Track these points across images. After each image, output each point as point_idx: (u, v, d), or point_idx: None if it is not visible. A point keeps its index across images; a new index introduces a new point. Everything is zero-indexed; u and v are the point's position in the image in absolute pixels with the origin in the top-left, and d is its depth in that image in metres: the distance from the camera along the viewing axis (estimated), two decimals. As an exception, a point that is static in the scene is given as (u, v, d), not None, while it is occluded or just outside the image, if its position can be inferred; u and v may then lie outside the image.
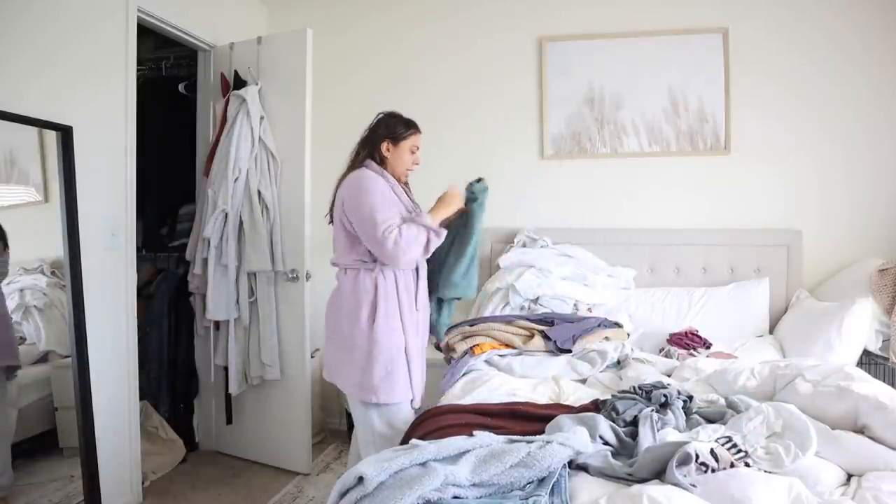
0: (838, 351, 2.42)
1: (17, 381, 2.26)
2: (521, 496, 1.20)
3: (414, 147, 2.20)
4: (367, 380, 2.07)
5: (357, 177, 2.10)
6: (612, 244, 3.20)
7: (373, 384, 2.06)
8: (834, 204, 3.11)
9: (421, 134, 2.23)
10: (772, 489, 1.16)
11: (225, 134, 2.96)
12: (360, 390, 2.09)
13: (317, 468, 3.05)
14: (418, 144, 2.22)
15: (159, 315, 3.18)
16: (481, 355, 2.36)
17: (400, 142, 2.17)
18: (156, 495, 2.76)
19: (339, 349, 2.16)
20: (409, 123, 2.21)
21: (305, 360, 2.98)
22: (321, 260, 3.31)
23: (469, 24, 3.46)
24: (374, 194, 2.04)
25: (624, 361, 2.31)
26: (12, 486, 2.17)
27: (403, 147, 2.18)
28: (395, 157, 2.18)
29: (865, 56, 3.06)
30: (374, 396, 2.06)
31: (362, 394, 2.08)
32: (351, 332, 2.10)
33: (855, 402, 1.48)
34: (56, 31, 2.28)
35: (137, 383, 2.70)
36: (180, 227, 3.38)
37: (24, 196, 2.34)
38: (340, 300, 2.16)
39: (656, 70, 3.24)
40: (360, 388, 2.09)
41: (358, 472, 1.18)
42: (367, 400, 2.08)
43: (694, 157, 3.24)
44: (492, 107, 3.44)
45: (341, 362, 2.15)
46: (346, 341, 2.12)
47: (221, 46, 3.19)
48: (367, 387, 2.07)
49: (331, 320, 2.21)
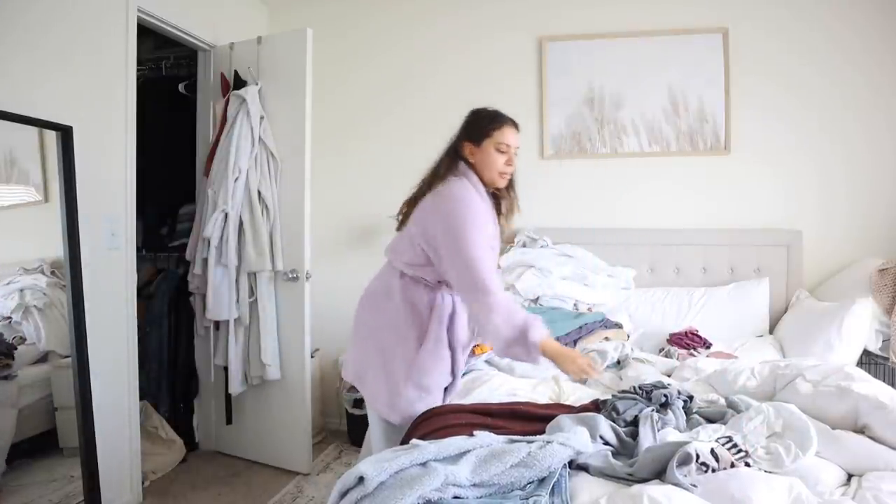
0: (838, 351, 2.42)
1: (17, 381, 2.25)
2: (522, 496, 1.20)
3: (503, 145, 1.80)
4: (395, 401, 1.83)
5: (446, 197, 1.75)
6: (612, 244, 3.21)
7: (399, 406, 1.83)
8: (834, 204, 3.11)
9: (512, 128, 1.84)
10: (772, 489, 1.16)
11: (225, 134, 2.96)
12: (384, 407, 1.87)
13: (317, 468, 3.05)
14: (508, 141, 1.81)
15: (159, 315, 3.18)
16: (481, 355, 2.36)
17: (483, 140, 1.81)
18: (156, 495, 2.76)
19: (371, 355, 1.92)
20: (494, 116, 1.85)
21: (305, 360, 2.98)
22: (321, 260, 3.33)
23: (469, 24, 3.46)
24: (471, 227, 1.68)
25: (624, 361, 2.32)
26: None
27: (488, 147, 1.81)
28: (481, 160, 1.82)
29: (866, 56, 3.06)
30: (398, 418, 1.83)
31: (386, 412, 1.86)
32: (392, 345, 1.85)
33: (855, 401, 1.48)
34: (56, 31, 2.28)
35: (137, 383, 2.70)
36: (180, 227, 3.38)
37: (24, 196, 2.34)
38: (387, 303, 1.89)
39: (656, 70, 3.24)
40: (385, 406, 1.86)
41: (358, 472, 1.18)
42: (389, 420, 1.87)
43: (694, 157, 3.24)
44: (492, 106, 3.42)
45: (370, 367, 1.91)
46: (382, 352, 1.88)
47: (221, 46, 3.19)
48: (394, 407, 1.84)
49: (368, 320, 1.95)
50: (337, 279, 3.40)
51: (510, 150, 1.83)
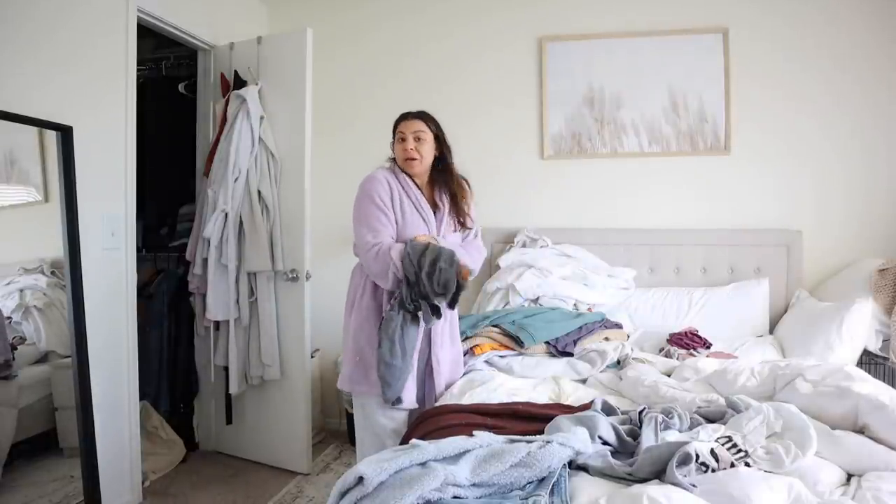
0: (838, 351, 2.42)
1: (17, 381, 2.26)
2: (521, 496, 1.20)
3: (400, 135, 2.17)
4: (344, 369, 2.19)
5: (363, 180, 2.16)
6: (612, 244, 3.21)
7: (345, 372, 2.16)
8: (834, 204, 3.11)
9: (410, 119, 2.18)
10: (772, 489, 1.16)
11: (225, 134, 2.96)
12: (341, 378, 2.20)
13: (317, 468, 3.05)
14: (403, 130, 2.17)
15: (159, 315, 3.18)
16: (481, 356, 2.36)
17: (394, 134, 2.20)
18: (156, 495, 2.76)
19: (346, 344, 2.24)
20: (400, 115, 2.21)
21: (305, 360, 2.98)
22: (321, 260, 3.33)
23: (469, 24, 3.46)
24: (360, 200, 2.12)
25: (624, 361, 2.31)
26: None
27: (395, 140, 2.20)
28: (395, 151, 2.21)
29: (866, 56, 3.05)
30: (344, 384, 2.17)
31: (340, 381, 2.21)
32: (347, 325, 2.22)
33: (855, 402, 1.48)
34: (56, 31, 2.28)
35: (137, 383, 2.70)
36: (180, 227, 3.38)
37: (24, 196, 2.34)
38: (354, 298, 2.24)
39: (656, 70, 3.24)
40: (341, 377, 2.21)
41: (357, 472, 1.18)
42: (341, 388, 2.21)
43: (694, 157, 3.24)
44: (491, 106, 3.44)
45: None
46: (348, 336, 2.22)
47: (221, 46, 3.19)
48: (342, 375, 2.18)
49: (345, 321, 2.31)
50: (337, 279, 3.38)
51: (407, 136, 2.15)
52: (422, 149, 2.15)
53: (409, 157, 2.15)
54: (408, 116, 2.20)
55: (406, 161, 2.16)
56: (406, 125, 2.17)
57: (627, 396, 2.00)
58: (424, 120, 2.18)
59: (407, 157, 2.15)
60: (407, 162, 2.16)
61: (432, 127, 2.19)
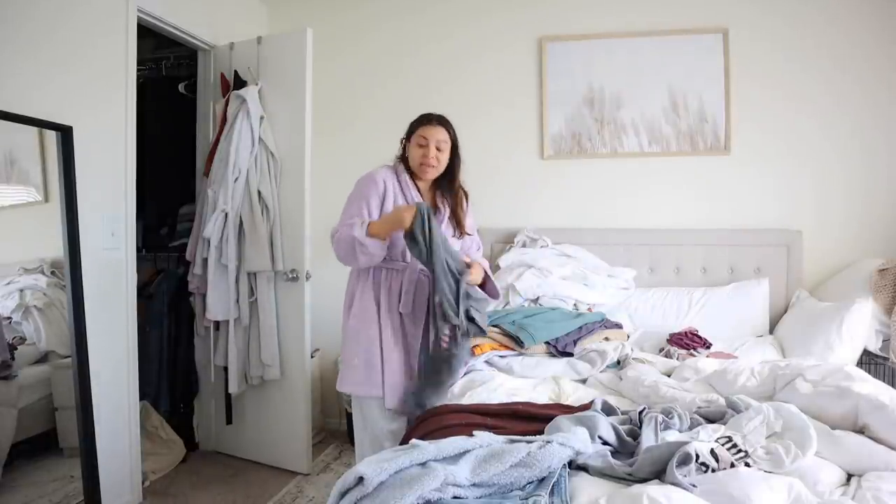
0: (838, 351, 2.42)
1: (18, 381, 2.26)
2: (521, 496, 1.20)
3: (420, 139, 2.11)
4: (341, 371, 2.18)
5: (359, 178, 2.17)
6: (612, 244, 3.21)
7: (344, 374, 2.16)
8: (834, 204, 3.11)
9: (434, 127, 2.11)
10: (772, 489, 1.16)
11: (225, 134, 2.96)
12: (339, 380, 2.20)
13: (317, 468, 3.05)
14: (426, 135, 2.10)
15: (159, 315, 3.18)
16: (481, 356, 2.36)
17: (410, 136, 2.16)
18: (156, 495, 2.76)
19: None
20: (422, 117, 2.15)
21: (305, 360, 2.98)
22: (321, 260, 3.33)
23: (469, 24, 3.46)
24: (352, 195, 2.13)
25: (624, 361, 2.31)
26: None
27: (413, 141, 2.14)
28: (410, 152, 2.16)
29: (866, 56, 3.05)
30: (341, 385, 2.17)
31: (338, 382, 2.20)
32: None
33: (855, 402, 1.48)
34: (56, 31, 2.28)
35: (137, 383, 2.70)
36: (180, 227, 3.38)
37: (24, 196, 2.34)
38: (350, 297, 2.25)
39: (656, 70, 3.24)
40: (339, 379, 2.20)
41: (357, 473, 1.18)
42: (340, 389, 2.20)
43: (694, 157, 3.24)
44: (491, 107, 3.44)
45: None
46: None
47: (221, 46, 3.19)
48: (341, 377, 2.18)
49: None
50: (337, 279, 3.37)
51: (430, 144, 2.10)
52: (441, 157, 2.13)
53: (429, 164, 2.11)
54: (431, 121, 2.13)
55: (422, 167, 2.12)
56: (430, 131, 2.11)
57: (627, 396, 2.00)
58: (447, 128, 2.14)
59: (426, 164, 2.12)
60: (423, 168, 2.13)
61: (452, 135, 2.16)
